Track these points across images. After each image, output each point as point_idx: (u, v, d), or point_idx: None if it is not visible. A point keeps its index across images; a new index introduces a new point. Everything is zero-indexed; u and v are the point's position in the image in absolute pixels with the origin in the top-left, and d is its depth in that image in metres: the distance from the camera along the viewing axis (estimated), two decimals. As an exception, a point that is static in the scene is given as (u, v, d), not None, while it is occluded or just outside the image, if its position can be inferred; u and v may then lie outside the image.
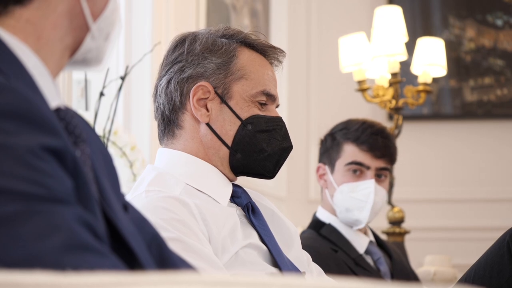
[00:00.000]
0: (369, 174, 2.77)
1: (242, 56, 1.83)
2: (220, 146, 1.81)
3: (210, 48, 1.82)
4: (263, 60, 1.87)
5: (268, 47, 1.89)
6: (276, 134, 1.83)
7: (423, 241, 4.56)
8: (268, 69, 1.87)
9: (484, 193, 4.88)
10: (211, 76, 1.81)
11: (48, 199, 0.89)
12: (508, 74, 4.98)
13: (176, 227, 1.62)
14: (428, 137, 5.00)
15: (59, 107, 1.04)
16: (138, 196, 1.71)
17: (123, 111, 3.27)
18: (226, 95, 1.81)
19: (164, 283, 0.73)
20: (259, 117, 1.81)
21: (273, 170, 1.84)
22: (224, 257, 1.66)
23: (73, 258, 0.86)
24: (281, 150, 1.83)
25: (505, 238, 2.06)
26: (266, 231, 1.78)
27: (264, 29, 4.73)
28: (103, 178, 1.11)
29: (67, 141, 0.96)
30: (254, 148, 1.80)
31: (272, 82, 1.86)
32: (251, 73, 1.82)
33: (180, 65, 1.82)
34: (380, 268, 2.78)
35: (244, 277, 0.74)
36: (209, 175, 1.80)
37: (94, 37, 1.12)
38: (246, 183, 1.93)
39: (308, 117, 5.06)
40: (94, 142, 1.15)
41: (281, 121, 1.85)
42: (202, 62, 1.81)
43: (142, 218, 1.24)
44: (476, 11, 5.02)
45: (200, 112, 1.80)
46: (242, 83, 1.81)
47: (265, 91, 1.82)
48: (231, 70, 1.81)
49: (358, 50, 3.78)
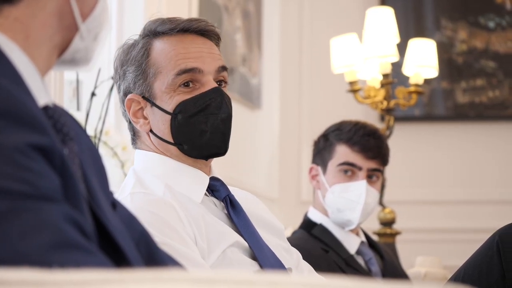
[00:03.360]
0: (361, 175, 2.77)
1: (153, 51, 1.81)
2: (167, 146, 1.81)
3: (124, 59, 1.84)
4: (177, 39, 1.81)
5: (182, 24, 1.82)
6: (210, 108, 1.78)
7: (414, 242, 4.57)
8: (183, 43, 1.81)
9: (476, 194, 4.89)
10: (135, 86, 1.82)
11: (36, 197, 0.89)
12: (500, 76, 4.99)
13: (162, 231, 1.62)
14: (419, 139, 5.01)
15: (48, 105, 1.04)
16: (123, 199, 1.71)
17: (114, 111, 3.26)
18: (151, 96, 1.80)
19: (150, 280, 0.73)
20: (185, 102, 1.77)
21: (224, 146, 1.80)
22: (211, 256, 1.66)
23: (60, 256, 0.86)
24: (221, 122, 1.78)
25: (494, 238, 2.06)
26: (246, 227, 1.77)
27: (256, 30, 4.73)
28: (91, 176, 1.11)
29: (55, 139, 0.96)
30: (195, 134, 1.78)
31: (191, 54, 1.79)
32: (163, 63, 1.79)
33: (117, 86, 1.88)
34: (372, 268, 2.79)
35: (230, 274, 0.74)
36: (180, 173, 1.80)
37: (83, 37, 1.12)
38: (237, 183, 1.93)
39: (300, 118, 5.06)
40: (82, 140, 1.15)
41: (212, 93, 1.78)
42: (124, 76, 1.84)
43: (130, 216, 1.24)
44: (468, 13, 5.03)
45: (139, 124, 1.82)
46: (159, 78, 1.79)
47: (179, 71, 1.77)
48: (146, 72, 1.80)
49: (350, 51, 3.78)
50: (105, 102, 2.76)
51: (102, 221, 1.05)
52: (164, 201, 1.68)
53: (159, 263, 1.20)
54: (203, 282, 0.74)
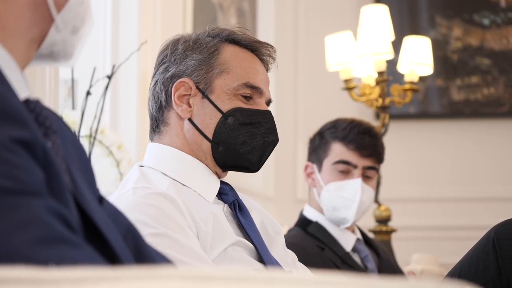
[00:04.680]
0: (356, 173, 2.77)
1: (225, 52, 1.84)
2: (202, 140, 1.81)
3: (192, 46, 1.84)
4: (249, 55, 1.87)
5: (255, 42, 1.89)
6: (260, 127, 1.82)
7: (410, 239, 4.57)
8: (254, 63, 1.87)
9: (471, 192, 4.89)
10: (193, 73, 1.82)
11: (20, 192, 0.88)
12: (494, 73, 4.99)
13: (163, 223, 1.62)
14: (415, 136, 5.01)
15: (28, 98, 1.03)
16: (125, 193, 1.71)
17: (110, 110, 3.26)
18: (208, 89, 1.81)
19: (146, 278, 0.73)
20: (241, 109, 1.81)
21: (257, 164, 1.83)
22: (212, 253, 1.66)
23: (48, 251, 0.86)
24: (265, 143, 1.82)
25: (490, 235, 2.06)
26: (252, 229, 1.78)
27: (251, 29, 4.73)
28: (75, 169, 1.10)
29: (37, 132, 0.95)
30: (236, 141, 1.80)
31: (259, 75, 1.85)
32: (233, 67, 1.83)
33: (165, 66, 1.86)
34: (368, 265, 2.79)
35: (227, 271, 0.74)
36: (196, 171, 1.81)
37: (59, 29, 1.10)
38: (233, 182, 1.92)
39: (295, 116, 5.06)
40: (66, 135, 1.14)
41: (267, 114, 1.84)
42: (184, 60, 1.84)
43: (116, 210, 1.23)
44: (463, 11, 5.03)
45: (181, 108, 1.82)
46: (223, 77, 1.81)
47: (248, 83, 1.82)
48: (212, 65, 1.82)
49: (345, 49, 3.78)
50: (101, 101, 2.76)
51: (87, 213, 1.05)
52: (165, 195, 1.67)
53: (146, 258, 1.19)
54: (199, 279, 0.73)
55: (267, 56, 1.90)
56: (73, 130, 1.21)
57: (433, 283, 0.76)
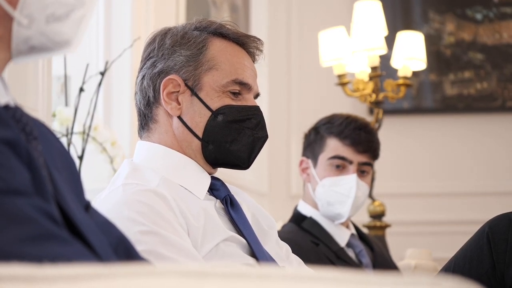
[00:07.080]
0: (351, 168, 2.77)
1: (213, 47, 1.83)
2: (192, 138, 1.80)
3: (179, 41, 1.83)
4: (237, 49, 1.86)
5: (242, 36, 1.87)
6: (249, 123, 1.81)
7: (404, 235, 4.57)
8: (242, 58, 1.85)
9: (465, 186, 4.90)
10: (181, 69, 1.81)
11: (7, 191, 0.88)
12: (487, 68, 5.00)
13: (153, 220, 1.61)
14: (408, 131, 5.01)
15: (8, 104, 1.02)
16: (115, 190, 1.71)
17: (103, 107, 3.25)
18: (197, 86, 1.80)
19: (141, 274, 0.73)
20: (230, 107, 1.80)
21: (247, 160, 1.83)
22: (204, 248, 1.66)
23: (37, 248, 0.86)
24: (254, 140, 1.82)
25: (484, 230, 2.06)
26: (245, 224, 1.78)
27: (244, 24, 4.72)
28: (58, 176, 1.09)
29: (19, 133, 0.95)
30: (226, 138, 1.79)
31: (247, 71, 1.84)
32: (222, 63, 1.82)
33: (152, 61, 1.84)
34: (362, 260, 2.79)
35: (220, 267, 0.74)
36: (186, 168, 1.80)
37: (23, 24, 1.06)
38: (227, 177, 1.92)
39: (289, 112, 5.06)
40: (51, 142, 1.12)
41: (256, 110, 1.83)
42: (172, 55, 1.82)
43: (108, 222, 1.22)
44: (455, 6, 5.04)
45: (171, 106, 1.81)
46: (212, 74, 1.81)
47: (236, 80, 1.81)
48: (200, 62, 1.81)
49: (338, 44, 3.78)
50: (94, 97, 2.76)
51: (69, 216, 1.04)
52: (155, 191, 1.67)
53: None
54: (194, 275, 0.73)
55: (254, 48, 1.89)
56: (63, 135, 1.19)
57: (427, 278, 0.76)
